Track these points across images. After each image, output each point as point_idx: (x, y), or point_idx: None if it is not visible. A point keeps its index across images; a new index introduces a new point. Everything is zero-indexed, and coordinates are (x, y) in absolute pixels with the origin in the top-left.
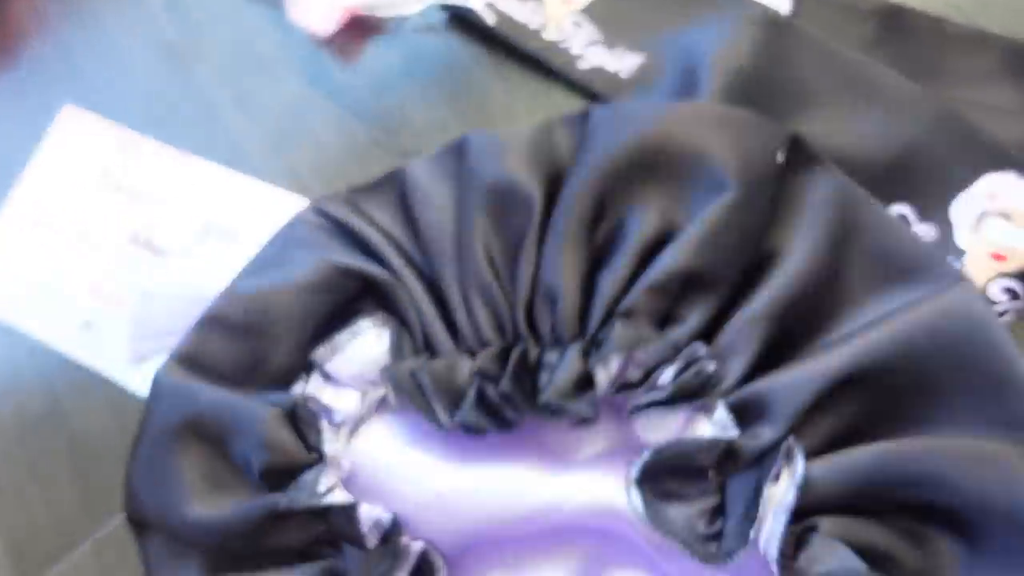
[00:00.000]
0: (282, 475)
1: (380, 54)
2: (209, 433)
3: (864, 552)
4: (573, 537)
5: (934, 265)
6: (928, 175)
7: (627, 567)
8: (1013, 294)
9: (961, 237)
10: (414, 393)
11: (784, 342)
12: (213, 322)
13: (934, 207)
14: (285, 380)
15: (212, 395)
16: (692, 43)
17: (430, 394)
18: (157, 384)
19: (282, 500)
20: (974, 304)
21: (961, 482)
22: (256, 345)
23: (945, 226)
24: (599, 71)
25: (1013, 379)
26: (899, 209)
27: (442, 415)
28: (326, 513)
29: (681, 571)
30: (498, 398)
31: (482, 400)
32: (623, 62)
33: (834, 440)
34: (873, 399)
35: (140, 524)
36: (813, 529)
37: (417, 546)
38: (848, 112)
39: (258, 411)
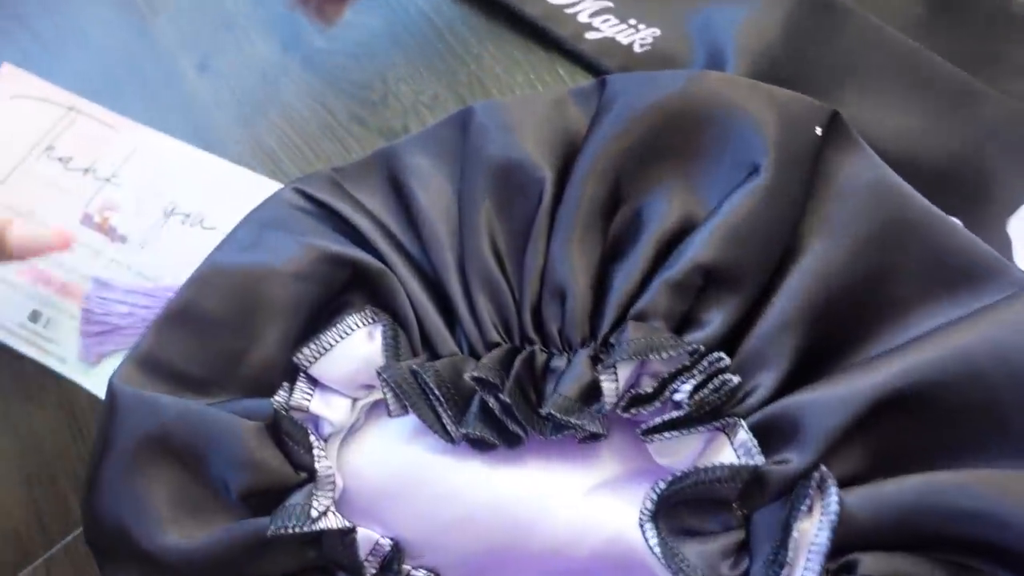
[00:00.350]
0: (265, 496)
1: (361, 18)
2: (178, 451)
3: None
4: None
5: (998, 271)
6: (983, 184)
7: None
8: None
9: (1021, 255)
10: (416, 398)
11: (818, 353)
12: (177, 316)
13: (988, 222)
14: (262, 382)
15: (179, 407)
16: (714, 16)
17: (434, 399)
18: (115, 394)
19: (270, 526)
20: None
21: (1017, 519)
22: (230, 342)
23: (1003, 243)
24: (610, 42)
25: None
26: None
27: (449, 425)
28: (318, 538)
29: None
30: (500, 410)
31: (486, 411)
32: (637, 34)
33: (874, 466)
34: (922, 422)
35: (105, 553)
36: (852, 568)
37: (420, 575)
38: (891, 104)
39: (235, 425)
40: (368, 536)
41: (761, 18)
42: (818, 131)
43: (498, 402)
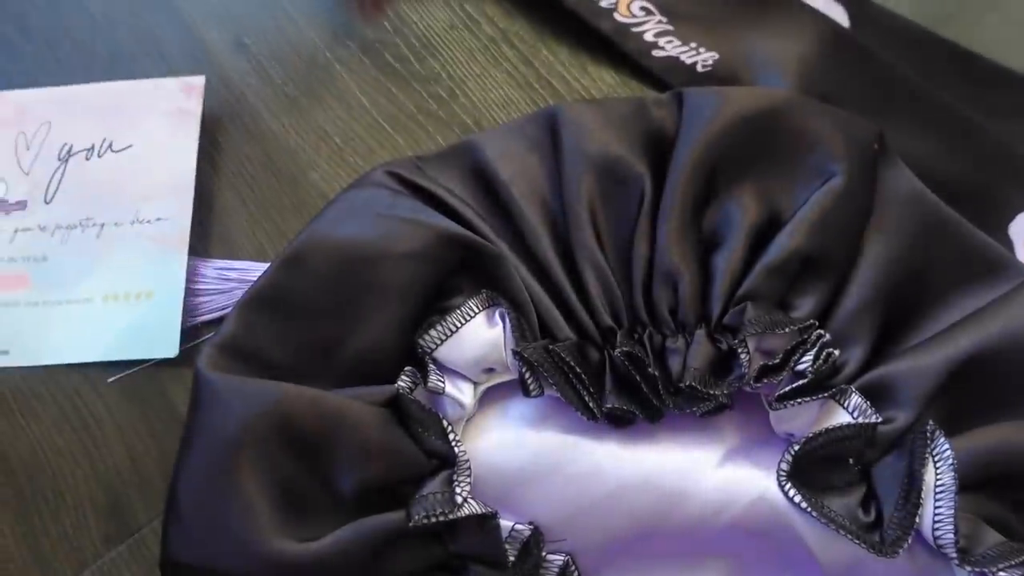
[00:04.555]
0: (384, 489)
1: (419, 15)
2: (296, 441)
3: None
4: (723, 549)
5: (1009, 263)
6: (987, 198)
7: None
8: None
9: (1022, 253)
10: (558, 375)
11: (890, 330)
12: (267, 300)
13: (993, 227)
14: (362, 371)
15: (299, 392)
16: (763, 46)
17: (574, 377)
18: (205, 381)
19: (412, 516)
20: None
21: None
22: (328, 327)
23: (1006, 245)
24: (675, 60)
25: None
26: None
27: (591, 401)
28: (451, 530)
29: None
30: (647, 384)
31: (624, 384)
32: (698, 56)
33: (953, 423)
34: (981, 384)
35: (187, 572)
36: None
37: (558, 560)
38: (910, 132)
39: (362, 411)
40: (504, 524)
41: (802, 50)
42: (875, 146)
43: (646, 377)
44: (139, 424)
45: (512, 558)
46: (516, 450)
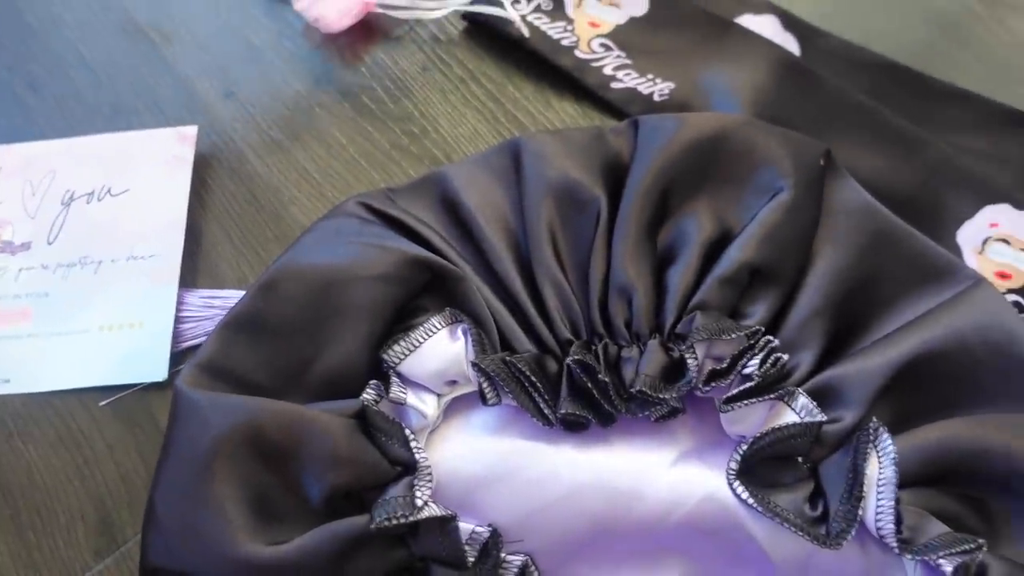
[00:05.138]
0: (351, 496)
1: (394, 58)
2: (268, 450)
3: (937, 518)
4: (676, 547)
5: (956, 268)
6: (936, 208)
7: None
8: (1020, 307)
9: (970, 259)
10: (513, 385)
11: (839, 336)
12: (244, 323)
13: (942, 235)
14: (334, 387)
15: (272, 405)
16: (718, 76)
17: (529, 385)
18: (183, 397)
19: (373, 519)
20: (999, 299)
21: (1008, 452)
22: (301, 347)
23: (954, 251)
24: (633, 92)
25: None
26: None
27: (546, 408)
28: (413, 533)
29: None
30: (598, 390)
31: (579, 392)
32: (655, 86)
33: (897, 422)
34: (927, 384)
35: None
36: (898, 502)
37: (517, 560)
38: (861, 150)
39: (329, 422)
40: (464, 527)
41: (756, 77)
42: (821, 162)
43: (597, 383)
44: (129, 444)
45: (472, 559)
46: (477, 456)
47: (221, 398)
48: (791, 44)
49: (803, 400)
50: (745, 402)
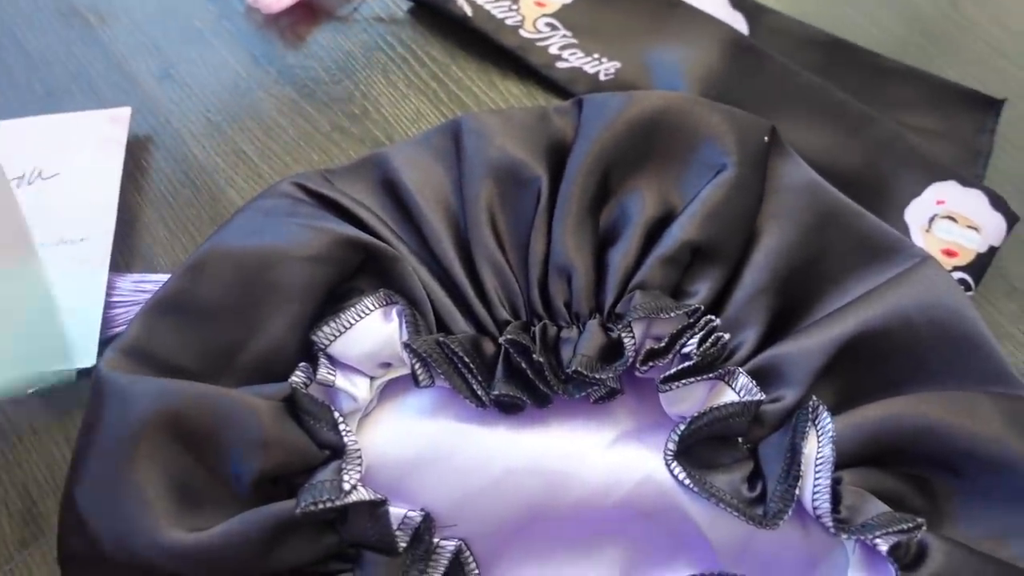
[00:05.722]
0: (279, 481)
1: (336, 39)
2: (188, 435)
3: (880, 498)
4: (614, 530)
5: (902, 246)
6: (883, 185)
7: (667, 566)
8: (966, 285)
9: (917, 237)
10: (446, 366)
11: (784, 315)
12: (169, 305)
13: (889, 214)
14: (264, 371)
15: (192, 389)
16: (666, 54)
17: (463, 366)
18: (104, 381)
19: (299, 503)
20: (944, 277)
21: (950, 430)
22: (230, 330)
23: (902, 229)
24: (578, 71)
25: (979, 340)
26: None
27: (479, 389)
28: (343, 518)
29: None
30: (532, 370)
31: (514, 373)
32: (601, 65)
33: (840, 401)
34: (869, 363)
35: (84, 565)
36: (838, 482)
37: (450, 546)
38: (808, 127)
39: (252, 405)
40: (395, 512)
41: (703, 55)
42: (766, 139)
43: (531, 363)
44: (56, 432)
45: (404, 544)
46: (409, 440)
47: (142, 381)
48: (739, 22)
49: (743, 379)
50: (683, 381)
